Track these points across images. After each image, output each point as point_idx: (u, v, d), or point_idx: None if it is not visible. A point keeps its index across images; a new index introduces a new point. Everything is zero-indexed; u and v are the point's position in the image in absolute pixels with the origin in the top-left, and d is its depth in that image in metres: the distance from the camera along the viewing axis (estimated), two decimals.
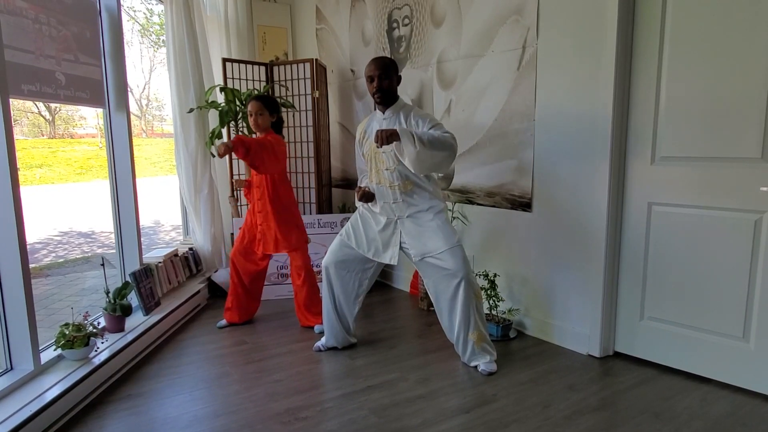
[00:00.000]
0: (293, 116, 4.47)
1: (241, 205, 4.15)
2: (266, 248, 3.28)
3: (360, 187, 2.83)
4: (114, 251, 3.43)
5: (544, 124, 2.96)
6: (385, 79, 2.61)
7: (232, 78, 4.23)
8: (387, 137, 2.36)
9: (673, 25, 2.49)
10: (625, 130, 2.70)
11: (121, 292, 3.03)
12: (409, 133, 2.38)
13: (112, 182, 3.28)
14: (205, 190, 4.09)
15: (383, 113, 2.70)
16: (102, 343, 2.72)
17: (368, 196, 2.78)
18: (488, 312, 3.19)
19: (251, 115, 3.11)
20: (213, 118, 4.16)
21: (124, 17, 3.27)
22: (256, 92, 4.02)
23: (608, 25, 2.60)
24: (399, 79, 2.70)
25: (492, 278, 3.16)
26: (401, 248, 2.75)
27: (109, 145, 3.25)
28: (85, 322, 2.63)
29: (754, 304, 2.37)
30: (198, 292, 3.82)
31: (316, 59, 4.30)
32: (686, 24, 2.45)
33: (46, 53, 2.58)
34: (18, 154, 2.27)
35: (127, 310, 3.01)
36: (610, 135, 2.65)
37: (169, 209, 9.73)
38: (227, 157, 4.25)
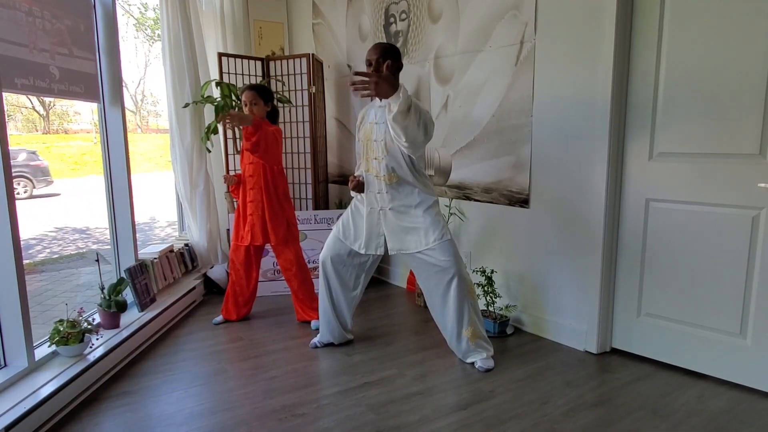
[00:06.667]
0: (289, 112, 4.44)
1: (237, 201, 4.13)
2: (255, 239, 3.24)
3: (354, 177, 2.80)
4: (109, 247, 3.40)
5: (541, 120, 2.95)
6: (382, 63, 2.57)
7: (228, 73, 4.20)
8: (382, 85, 2.24)
9: (671, 21, 2.48)
10: (623, 126, 2.69)
11: (116, 288, 3.01)
12: (407, 95, 2.28)
13: (107, 178, 3.25)
14: (201, 185, 4.07)
15: (380, 99, 2.60)
16: (97, 339, 2.70)
17: (360, 187, 2.75)
18: (485, 308, 3.19)
19: (246, 105, 3.10)
20: (209, 113, 4.14)
21: (119, 11, 3.24)
22: None
23: (606, 21, 2.58)
24: (399, 66, 2.64)
25: (489, 275, 3.15)
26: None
27: (103, 140, 3.22)
28: (80, 318, 2.61)
29: (752, 301, 2.37)
30: (194, 288, 3.80)
31: (313, 54, 4.27)
32: (684, 20, 2.44)
33: (39, 47, 2.55)
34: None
35: (123, 307, 2.99)
36: (608, 131, 2.64)
37: (165, 205, 9.69)
38: (224, 153, 4.23)
